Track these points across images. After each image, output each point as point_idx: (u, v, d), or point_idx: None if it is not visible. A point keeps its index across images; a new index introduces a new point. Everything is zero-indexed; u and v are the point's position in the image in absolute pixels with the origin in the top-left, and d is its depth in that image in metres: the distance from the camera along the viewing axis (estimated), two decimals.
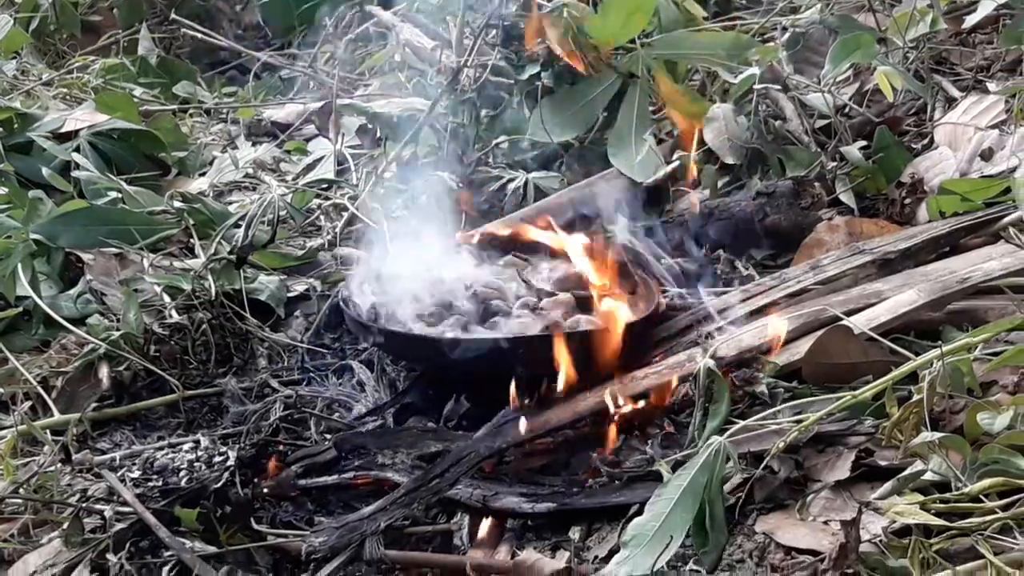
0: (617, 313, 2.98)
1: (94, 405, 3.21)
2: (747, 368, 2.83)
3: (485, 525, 2.61)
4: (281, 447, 2.97)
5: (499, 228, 3.63)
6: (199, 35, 6.18)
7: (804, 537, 2.32)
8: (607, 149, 3.98)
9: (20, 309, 3.49)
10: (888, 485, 2.30)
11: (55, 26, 6.44)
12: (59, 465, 2.88)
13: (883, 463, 2.43)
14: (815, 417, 2.45)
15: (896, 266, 3.15)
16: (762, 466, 2.44)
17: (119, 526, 2.59)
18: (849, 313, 2.87)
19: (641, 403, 2.83)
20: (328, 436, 3.00)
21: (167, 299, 3.51)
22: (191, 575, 2.46)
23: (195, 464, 2.94)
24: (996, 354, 2.58)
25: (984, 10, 4.08)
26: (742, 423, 2.49)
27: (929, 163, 3.68)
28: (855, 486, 2.41)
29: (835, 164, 3.76)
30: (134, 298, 3.39)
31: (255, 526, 2.61)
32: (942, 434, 2.32)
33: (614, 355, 2.91)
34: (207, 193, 4.37)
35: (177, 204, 4.03)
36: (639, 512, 2.33)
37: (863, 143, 3.80)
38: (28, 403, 3.19)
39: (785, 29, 4.23)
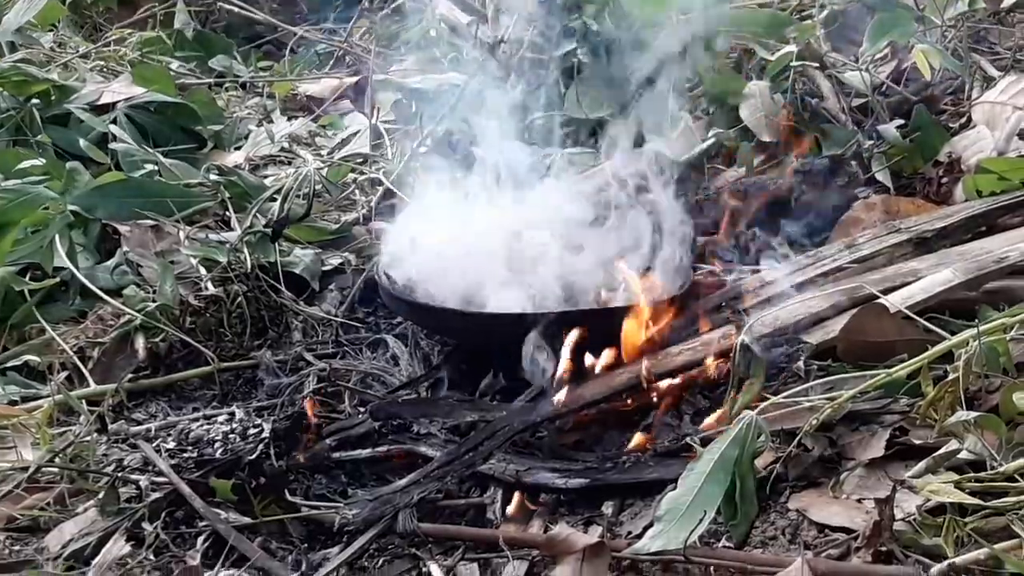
0: (652, 289, 2.98)
1: (130, 376, 3.23)
2: (788, 345, 2.82)
3: (517, 500, 2.62)
4: (315, 420, 2.98)
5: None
6: (235, 9, 6.19)
7: (837, 515, 2.32)
8: (643, 125, 3.97)
9: (57, 280, 3.50)
10: (922, 464, 2.29)
11: None
12: (95, 435, 2.91)
13: (917, 442, 2.42)
14: (849, 395, 2.44)
15: (932, 245, 3.14)
16: (795, 443, 2.43)
17: (154, 496, 2.60)
18: (885, 291, 2.85)
19: (676, 379, 2.83)
20: (362, 409, 3.01)
21: (203, 271, 3.52)
22: (226, 545, 2.47)
23: (230, 436, 2.96)
24: None
25: None
26: (773, 399, 2.48)
27: (966, 142, 3.66)
28: (889, 464, 2.40)
29: (872, 142, 3.75)
30: (170, 270, 3.41)
31: (289, 498, 2.61)
32: (977, 413, 2.32)
33: (649, 331, 2.90)
34: (243, 166, 4.38)
35: (213, 177, 4.04)
36: (673, 488, 2.33)
37: (900, 122, 3.77)
38: (65, 373, 3.21)
39: (823, 7, 4.21)
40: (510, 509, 2.60)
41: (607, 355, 2.89)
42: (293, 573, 2.42)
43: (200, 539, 2.51)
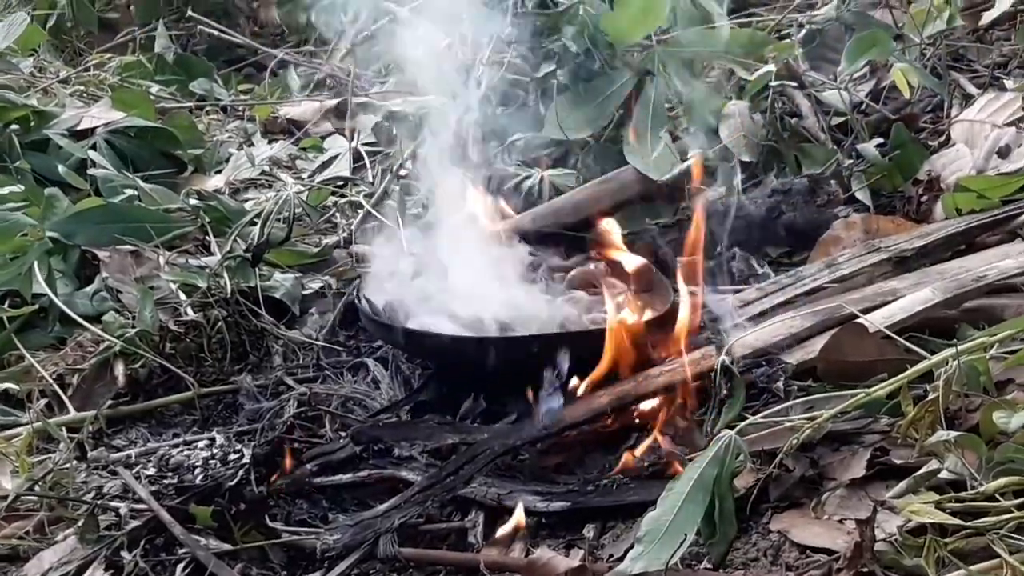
0: (632, 311, 2.98)
1: (110, 402, 3.22)
2: (767, 366, 2.82)
3: (505, 522, 2.61)
4: (296, 444, 2.97)
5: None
6: (216, 32, 6.19)
7: (819, 536, 2.31)
8: (623, 146, 3.96)
9: (36, 306, 3.49)
10: (903, 484, 2.29)
11: (72, 23, 6.46)
12: (74, 462, 2.89)
13: (898, 462, 2.42)
14: (829, 414, 2.44)
15: (912, 264, 3.15)
16: (775, 463, 2.43)
17: (134, 523, 2.59)
18: (864, 311, 2.86)
19: (656, 401, 2.82)
20: (343, 434, 3.00)
21: (183, 297, 3.51)
22: (205, 573, 2.46)
23: (210, 462, 2.95)
24: (1012, 352, 2.57)
25: (1001, 7, 4.09)
26: (753, 419, 2.48)
27: (946, 160, 3.67)
28: (870, 485, 2.40)
29: (851, 161, 3.76)
30: (150, 295, 3.39)
31: (270, 524, 2.60)
32: (958, 433, 2.31)
33: (630, 353, 2.90)
34: (223, 191, 4.37)
35: (193, 202, 4.02)
36: (653, 509, 2.32)
37: (879, 140, 3.79)
38: (44, 400, 3.19)
39: (801, 26, 4.22)
40: (506, 527, 2.59)
41: (589, 377, 2.88)
42: None
43: (180, 566, 2.50)
